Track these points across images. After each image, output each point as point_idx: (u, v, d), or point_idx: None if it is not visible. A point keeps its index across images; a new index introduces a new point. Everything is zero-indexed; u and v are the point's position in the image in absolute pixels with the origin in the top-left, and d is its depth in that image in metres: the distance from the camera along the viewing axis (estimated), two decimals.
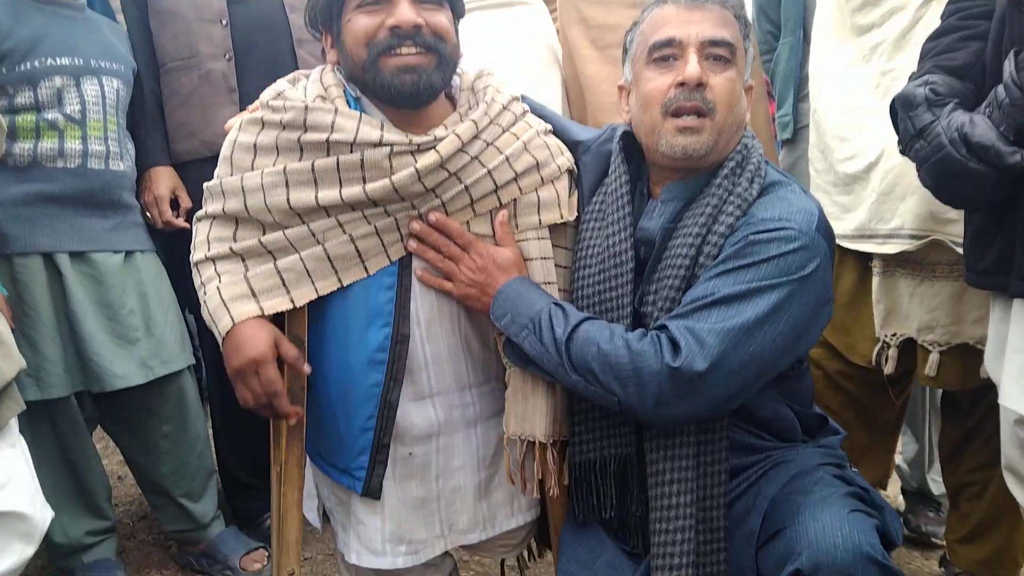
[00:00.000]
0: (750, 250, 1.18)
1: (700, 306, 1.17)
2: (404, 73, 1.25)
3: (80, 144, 1.82)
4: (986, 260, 1.33)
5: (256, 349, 1.26)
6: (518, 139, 1.33)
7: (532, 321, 1.25)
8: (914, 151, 1.32)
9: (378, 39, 1.25)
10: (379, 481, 1.35)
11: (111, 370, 1.83)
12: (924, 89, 1.30)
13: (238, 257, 1.31)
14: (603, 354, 1.18)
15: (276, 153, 1.29)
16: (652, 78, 1.27)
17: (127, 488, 2.66)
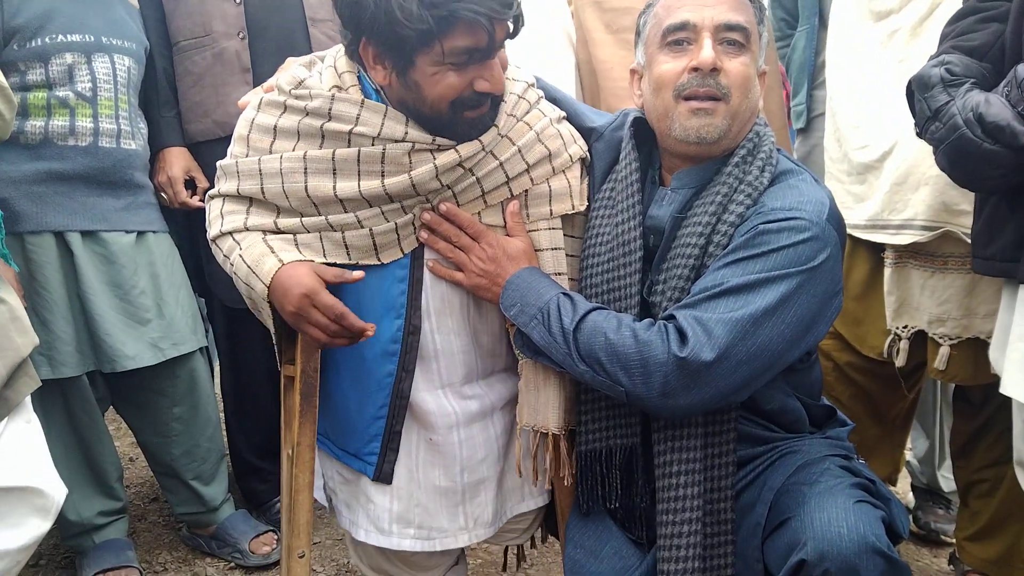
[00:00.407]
0: (760, 240, 1.17)
1: (709, 296, 1.16)
2: (478, 125, 1.27)
3: (91, 122, 1.82)
4: (995, 246, 1.32)
5: (303, 284, 1.24)
6: (531, 128, 1.33)
7: (541, 311, 1.25)
8: (929, 133, 1.30)
9: (465, 98, 1.23)
10: (390, 467, 1.36)
11: (122, 351, 1.84)
12: (940, 69, 1.29)
13: (256, 231, 1.32)
14: (610, 344, 1.18)
15: (297, 138, 1.29)
16: (665, 61, 1.26)
17: (138, 470, 2.68)
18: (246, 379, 2.25)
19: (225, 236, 1.34)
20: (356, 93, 1.28)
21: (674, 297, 1.23)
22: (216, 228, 1.35)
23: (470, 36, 1.17)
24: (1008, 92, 1.18)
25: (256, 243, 1.29)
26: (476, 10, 1.14)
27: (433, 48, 1.18)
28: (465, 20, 1.15)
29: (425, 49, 1.18)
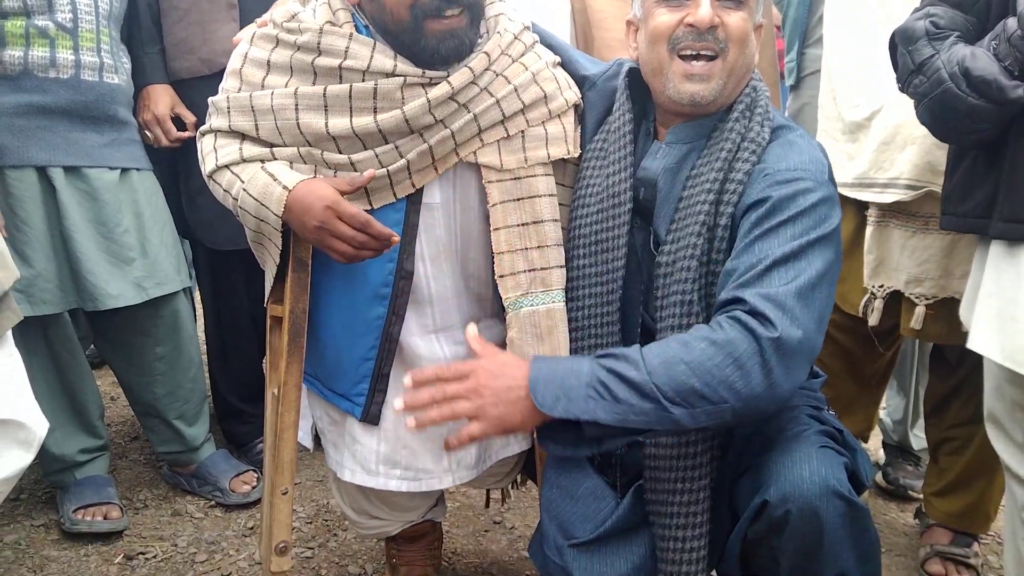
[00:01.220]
0: (780, 207, 1.15)
1: (760, 272, 1.11)
2: (448, 39, 1.22)
3: (72, 55, 1.78)
4: (969, 203, 1.32)
5: (325, 196, 1.21)
6: (527, 69, 1.32)
7: (592, 387, 1.07)
8: (912, 87, 1.29)
9: (423, 1, 1.20)
10: (378, 408, 1.37)
11: (105, 289, 1.82)
12: (925, 22, 1.28)
13: (253, 162, 1.29)
14: (693, 367, 1.05)
15: (290, 73, 1.27)
16: (662, 14, 1.24)
17: (119, 409, 2.69)
18: (228, 321, 2.25)
19: (222, 170, 1.32)
20: (349, 28, 1.27)
21: (687, 254, 1.21)
22: (212, 163, 1.32)
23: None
24: (996, 46, 1.18)
25: (258, 174, 1.27)
26: None
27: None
28: None
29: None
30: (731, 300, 1.12)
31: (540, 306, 1.33)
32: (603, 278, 1.32)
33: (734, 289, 1.12)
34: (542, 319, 1.33)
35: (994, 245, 1.29)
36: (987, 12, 1.30)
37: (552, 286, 1.34)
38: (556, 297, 1.34)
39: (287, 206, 1.23)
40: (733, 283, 1.13)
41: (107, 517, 1.94)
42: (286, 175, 1.25)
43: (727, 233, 1.21)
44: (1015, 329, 1.22)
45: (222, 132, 1.33)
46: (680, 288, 1.21)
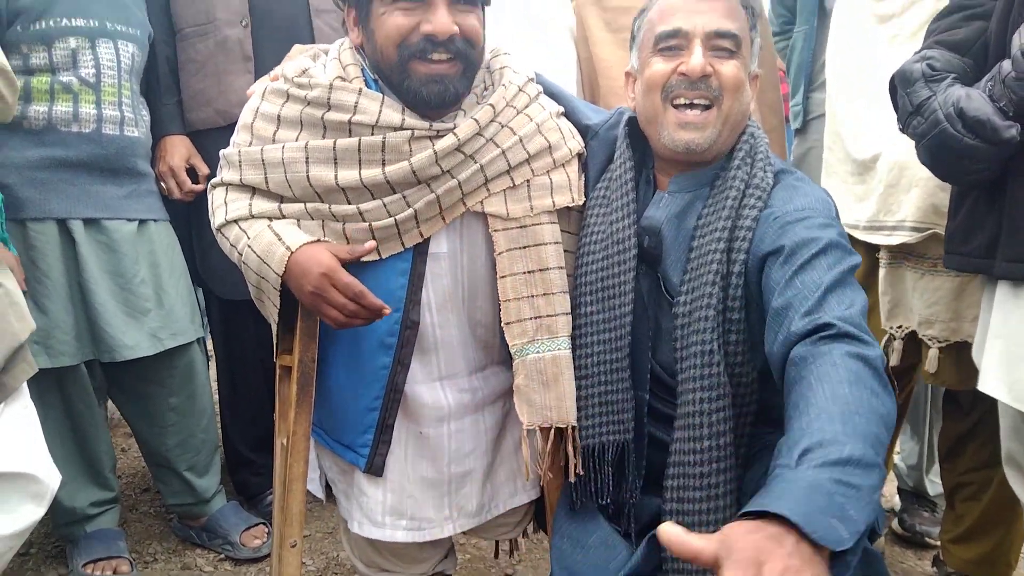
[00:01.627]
0: (803, 245, 1.14)
1: (821, 297, 1.07)
2: (432, 83, 1.25)
3: (95, 108, 1.83)
4: (973, 243, 1.33)
5: (322, 263, 1.24)
6: (532, 120, 1.35)
7: (836, 493, 0.84)
8: (912, 128, 1.31)
9: (411, 42, 1.24)
10: (382, 460, 1.37)
11: (121, 340, 1.84)
12: (922, 64, 1.30)
13: (261, 219, 1.32)
14: (864, 414, 0.93)
15: (300, 127, 1.30)
16: (657, 63, 1.28)
17: (130, 460, 2.69)
18: (241, 371, 2.26)
19: (231, 224, 1.34)
20: (359, 84, 1.30)
21: (703, 303, 1.21)
22: (221, 216, 1.35)
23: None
24: (991, 87, 1.20)
25: (263, 231, 1.30)
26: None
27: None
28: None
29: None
30: (815, 328, 1.04)
31: (546, 353, 1.34)
32: (611, 324, 1.33)
33: (807, 317, 1.06)
34: (548, 366, 1.33)
35: (1000, 285, 1.30)
36: (984, 54, 1.32)
37: (558, 333, 1.34)
38: (562, 344, 1.34)
39: (287, 267, 1.25)
40: (800, 313, 1.07)
41: (116, 571, 1.93)
42: (290, 236, 1.27)
43: (741, 280, 1.22)
44: (1022, 370, 1.21)
45: (233, 185, 1.35)
46: (700, 339, 1.21)
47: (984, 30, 1.33)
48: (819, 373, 0.98)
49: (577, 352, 1.36)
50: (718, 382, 1.19)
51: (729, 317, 1.22)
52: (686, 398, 1.22)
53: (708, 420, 1.20)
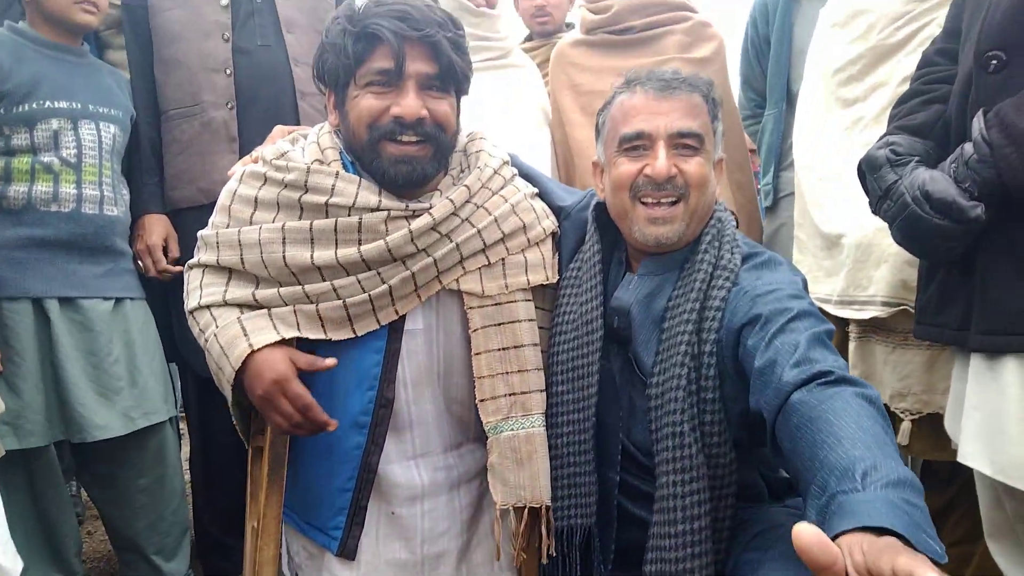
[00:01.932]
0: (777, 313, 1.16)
1: (806, 351, 1.08)
2: (400, 163, 1.29)
3: (75, 188, 1.84)
4: (947, 315, 1.35)
5: (276, 370, 1.25)
6: (507, 201, 1.38)
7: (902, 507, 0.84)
8: (883, 211, 1.35)
9: (381, 123, 1.28)
10: (355, 542, 1.34)
11: (93, 420, 1.81)
12: (885, 150, 1.35)
13: (233, 307, 1.32)
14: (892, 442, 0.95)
15: (276, 209, 1.32)
16: (623, 164, 1.32)
17: (96, 544, 2.59)
18: (215, 450, 2.21)
19: (203, 310, 1.34)
20: (336, 167, 1.33)
21: (673, 384, 1.22)
22: (195, 300, 1.35)
23: (384, 58, 1.26)
24: (955, 169, 1.24)
25: (231, 324, 1.29)
26: (382, 25, 1.24)
27: (356, 74, 1.28)
28: (378, 40, 1.25)
29: (350, 76, 1.29)
30: (813, 376, 1.04)
31: (520, 431, 1.33)
32: (579, 404, 1.33)
33: (798, 368, 1.06)
34: (522, 444, 1.33)
35: (974, 358, 1.31)
36: (945, 135, 1.37)
37: (532, 410, 1.34)
38: (536, 422, 1.34)
39: (244, 365, 1.26)
40: (789, 365, 1.06)
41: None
42: (256, 333, 1.27)
43: (713, 359, 1.23)
44: (1003, 442, 1.22)
45: (210, 267, 1.36)
46: (671, 420, 1.22)
47: (942, 113, 1.39)
48: (836, 409, 0.97)
49: (550, 432, 1.36)
50: (691, 464, 1.19)
51: (703, 397, 1.22)
52: (661, 480, 1.22)
53: (681, 503, 1.19)
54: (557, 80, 2.26)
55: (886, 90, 1.71)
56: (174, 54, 2.04)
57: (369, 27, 1.25)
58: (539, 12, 2.54)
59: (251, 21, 2.05)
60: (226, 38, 2.02)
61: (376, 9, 1.27)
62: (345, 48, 1.26)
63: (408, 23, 1.25)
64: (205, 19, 2.02)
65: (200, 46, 2.01)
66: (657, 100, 1.30)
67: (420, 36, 1.26)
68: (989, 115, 1.20)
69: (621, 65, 2.08)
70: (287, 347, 1.28)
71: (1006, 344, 1.21)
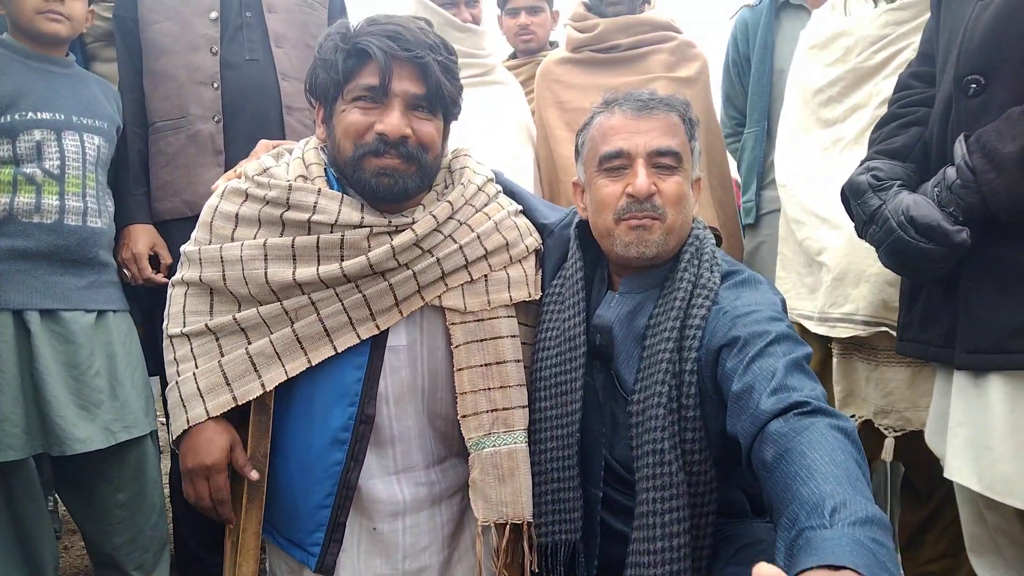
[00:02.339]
0: (755, 336, 1.17)
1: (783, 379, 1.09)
2: (382, 176, 1.30)
3: (57, 200, 1.83)
4: (931, 333, 1.36)
5: (211, 456, 1.30)
6: (490, 219, 1.39)
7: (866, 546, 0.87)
8: (869, 235, 1.37)
9: (365, 140, 1.29)
10: (333, 559, 1.34)
11: (73, 433, 1.78)
12: (867, 176, 1.37)
13: (212, 335, 1.33)
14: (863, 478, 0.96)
15: (258, 225, 1.32)
16: (605, 185, 1.34)
17: (73, 559, 2.56)
18: None
19: (183, 339, 1.35)
20: (320, 183, 1.33)
21: (655, 403, 1.23)
22: (177, 327, 1.36)
23: (372, 75, 1.27)
24: (939, 194, 1.25)
25: (188, 380, 1.32)
26: (372, 43, 1.25)
27: (343, 89, 1.29)
28: (367, 57, 1.26)
29: (339, 91, 1.30)
30: (790, 406, 1.05)
31: (502, 447, 1.34)
32: (562, 420, 1.34)
33: (775, 396, 1.07)
34: (504, 460, 1.33)
35: (958, 375, 1.32)
36: (923, 158, 1.39)
37: (514, 427, 1.35)
38: (518, 438, 1.35)
39: (190, 431, 1.32)
40: (766, 393, 1.08)
41: None
42: (213, 400, 1.31)
43: (694, 378, 1.24)
44: (991, 459, 1.23)
45: (193, 284, 1.36)
46: (652, 437, 1.23)
47: (921, 135, 1.41)
48: (810, 442, 0.99)
49: (533, 448, 1.36)
50: (671, 481, 1.20)
51: (684, 415, 1.23)
52: (641, 496, 1.22)
53: (661, 520, 1.20)
54: (542, 97, 2.28)
55: (865, 112, 1.74)
56: (163, 67, 2.04)
57: (359, 44, 1.26)
58: (523, 31, 2.56)
59: (240, 35, 2.05)
60: (214, 51, 2.02)
61: (369, 28, 1.29)
62: (335, 63, 1.28)
63: (398, 43, 1.27)
64: (194, 32, 2.03)
65: (188, 59, 2.02)
66: (636, 119, 1.32)
67: (409, 56, 1.27)
68: (971, 140, 1.22)
69: (606, 83, 2.11)
70: (232, 435, 1.33)
71: (991, 362, 1.23)
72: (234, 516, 1.31)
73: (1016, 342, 1.20)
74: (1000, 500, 1.22)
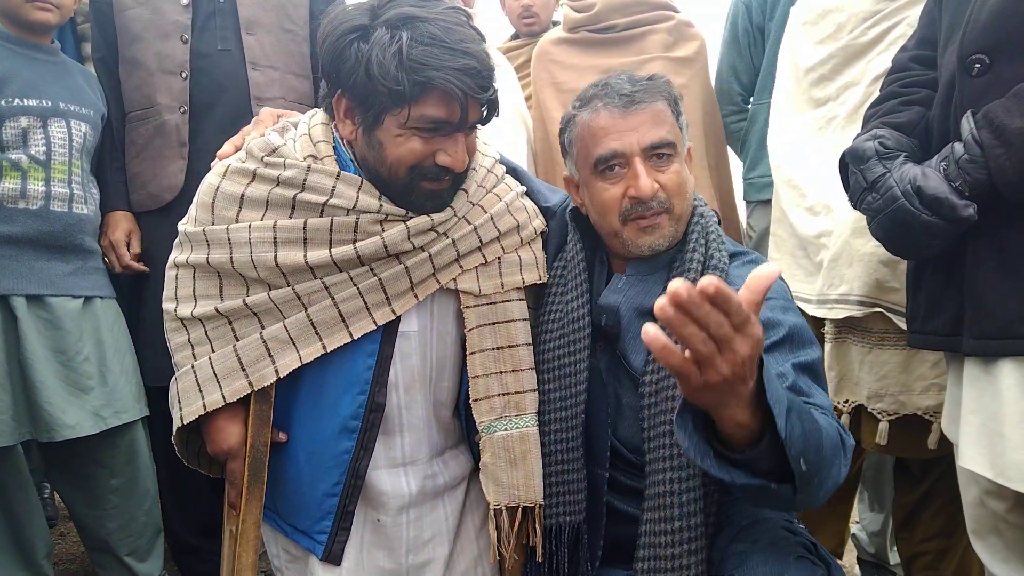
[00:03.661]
0: (771, 323, 1.19)
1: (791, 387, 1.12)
2: (434, 198, 1.26)
3: (43, 186, 1.80)
4: (936, 321, 1.35)
5: (228, 442, 1.30)
6: (501, 200, 1.36)
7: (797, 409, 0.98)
8: (866, 203, 1.34)
9: (424, 166, 1.23)
10: (340, 547, 1.32)
11: (62, 419, 1.77)
12: (874, 142, 1.34)
13: (225, 319, 1.29)
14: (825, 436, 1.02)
15: (265, 208, 1.27)
16: (605, 188, 1.30)
17: (69, 545, 2.55)
18: None
19: (195, 321, 1.31)
20: (331, 164, 1.28)
21: (671, 383, 1.23)
22: (187, 309, 1.31)
23: (442, 107, 1.19)
24: (946, 168, 1.23)
25: (222, 358, 1.29)
26: (452, 83, 1.17)
27: (402, 111, 1.19)
28: (440, 89, 1.17)
29: (395, 110, 1.20)
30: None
31: (514, 430, 1.33)
32: (566, 402, 1.33)
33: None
34: (516, 444, 1.32)
35: (968, 362, 1.31)
36: (926, 136, 1.37)
37: (525, 410, 1.34)
38: (529, 421, 1.34)
39: (209, 418, 1.30)
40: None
41: None
42: (230, 385, 1.28)
43: None
44: (1003, 446, 1.22)
45: (200, 267, 1.31)
46: (668, 418, 1.22)
47: (924, 115, 1.39)
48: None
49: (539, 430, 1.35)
50: (688, 461, 1.20)
51: None
52: (656, 478, 1.22)
53: (679, 500, 1.20)
54: (539, 78, 2.25)
55: (857, 89, 1.73)
56: (134, 54, 1.99)
57: (435, 80, 1.16)
58: (526, 12, 2.53)
59: (212, 22, 1.99)
60: (184, 40, 1.96)
61: (438, 54, 1.17)
62: (402, 91, 1.17)
63: (475, 80, 1.19)
64: (165, 19, 1.97)
65: (159, 47, 1.97)
66: (624, 116, 1.28)
67: (485, 97, 1.22)
68: (978, 116, 1.20)
69: (603, 63, 2.08)
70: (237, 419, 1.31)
71: (1000, 348, 1.22)
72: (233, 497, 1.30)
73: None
74: (1013, 487, 1.22)
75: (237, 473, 1.30)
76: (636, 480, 1.30)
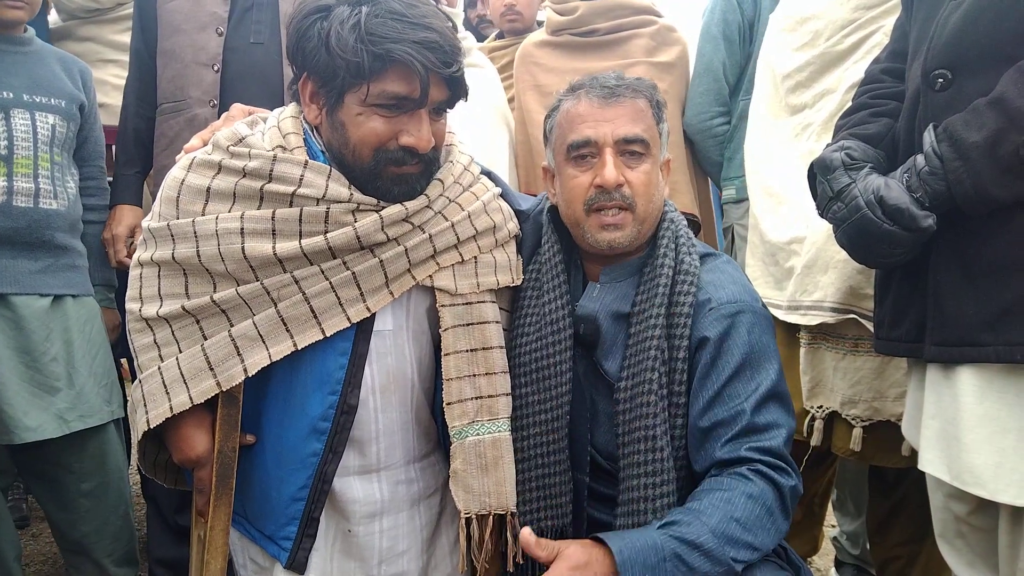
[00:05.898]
0: (730, 347, 1.25)
1: (746, 427, 1.22)
2: (401, 183, 1.23)
3: (5, 181, 1.76)
4: (901, 328, 1.37)
5: (196, 451, 1.28)
6: (478, 199, 1.35)
7: (670, 560, 1.12)
8: (832, 212, 1.37)
9: (388, 149, 1.21)
10: (304, 555, 1.29)
11: (23, 421, 1.73)
12: (841, 153, 1.37)
13: (192, 318, 1.25)
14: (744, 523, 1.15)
15: (232, 200, 1.24)
16: (573, 175, 1.32)
17: (41, 546, 2.51)
18: None
19: (161, 321, 1.26)
20: (300, 154, 1.25)
21: (646, 390, 1.24)
22: (153, 308, 1.26)
23: (402, 82, 1.17)
24: (908, 179, 1.27)
25: (189, 358, 1.25)
26: (412, 55, 1.15)
27: (362, 87, 1.17)
28: (400, 63, 1.15)
29: (355, 87, 1.18)
30: (738, 459, 1.21)
31: (486, 435, 1.30)
32: (547, 405, 1.32)
33: (730, 444, 1.22)
34: (488, 449, 1.30)
35: (930, 368, 1.33)
36: (892, 148, 1.40)
37: (498, 415, 1.32)
38: (502, 426, 1.31)
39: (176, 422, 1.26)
40: (723, 440, 1.22)
41: None
42: (197, 386, 1.24)
43: (686, 366, 1.25)
44: (958, 449, 1.25)
45: (165, 264, 1.26)
46: (643, 424, 1.22)
47: (891, 127, 1.42)
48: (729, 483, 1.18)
49: (514, 435, 1.34)
50: (663, 467, 1.20)
51: (675, 402, 1.25)
52: (629, 483, 1.22)
53: (652, 506, 1.20)
54: (521, 80, 2.25)
55: (834, 97, 1.74)
56: (171, 46, 1.97)
57: (394, 53, 1.14)
58: (509, 11, 2.52)
59: (248, 16, 1.96)
60: (220, 32, 1.94)
61: (398, 27, 1.15)
62: (361, 64, 1.15)
63: (438, 56, 1.16)
64: (204, 11, 1.95)
65: (195, 39, 1.94)
66: (602, 107, 1.30)
67: (448, 72, 1.19)
68: (939, 130, 1.23)
69: (585, 67, 2.08)
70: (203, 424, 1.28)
71: (960, 354, 1.24)
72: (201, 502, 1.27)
73: (984, 335, 1.21)
74: (967, 490, 1.24)
75: (206, 481, 1.27)
76: (610, 488, 1.30)
